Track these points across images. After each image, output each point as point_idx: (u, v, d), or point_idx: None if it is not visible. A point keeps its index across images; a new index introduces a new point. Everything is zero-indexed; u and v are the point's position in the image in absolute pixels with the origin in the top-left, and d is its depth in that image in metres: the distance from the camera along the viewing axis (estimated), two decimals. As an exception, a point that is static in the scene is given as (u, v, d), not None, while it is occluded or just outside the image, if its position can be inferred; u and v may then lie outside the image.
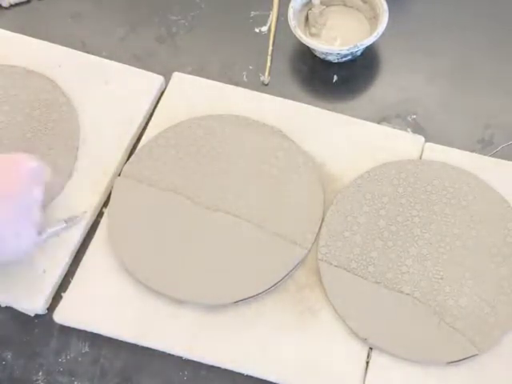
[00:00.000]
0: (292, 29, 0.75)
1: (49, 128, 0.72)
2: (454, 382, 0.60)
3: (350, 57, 0.76)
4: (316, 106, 0.74)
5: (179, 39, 0.81)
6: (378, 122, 0.74)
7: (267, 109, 0.73)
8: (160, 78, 0.76)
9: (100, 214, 0.69)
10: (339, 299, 0.63)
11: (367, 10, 0.78)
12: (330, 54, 0.75)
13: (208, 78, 0.76)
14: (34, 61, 0.76)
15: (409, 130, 0.74)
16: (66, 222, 0.66)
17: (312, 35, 0.78)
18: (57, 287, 0.65)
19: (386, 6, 0.75)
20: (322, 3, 0.77)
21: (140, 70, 0.77)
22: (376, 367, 0.61)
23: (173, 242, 0.66)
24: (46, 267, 0.65)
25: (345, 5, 0.80)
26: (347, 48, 0.73)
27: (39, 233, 0.65)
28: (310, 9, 0.78)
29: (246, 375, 0.61)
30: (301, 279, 0.65)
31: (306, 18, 0.78)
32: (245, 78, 0.78)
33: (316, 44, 0.74)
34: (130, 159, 0.71)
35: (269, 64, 0.79)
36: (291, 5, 0.76)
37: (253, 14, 0.82)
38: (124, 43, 0.81)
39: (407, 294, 0.63)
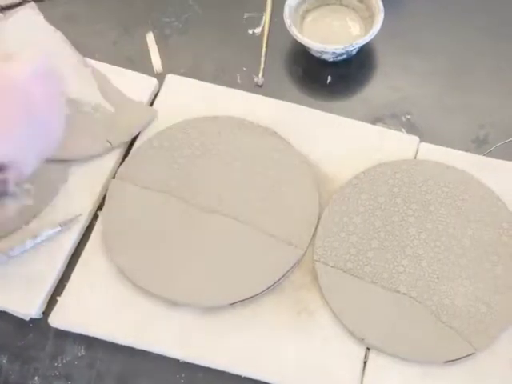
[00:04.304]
0: (287, 27, 0.75)
1: (42, 131, 0.72)
2: (451, 381, 0.60)
3: (345, 56, 0.76)
4: (310, 106, 0.74)
5: (173, 41, 0.81)
6: (373, 123, 0.74)
7: (261, 110, 0.73)
8: (154, 80, 0.76)
9: (95, 217, 0.69)
10: (336, 300, 0.63)
11: (363, 10, 0.78)
12: (326, 52, 0.75)
13: (202, 79, 0.76)
14: (27, 64, 0.76)
15: (403, 130, 0.74)
16: (60, 225, 0.66)
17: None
18: (52, 291, 0.65)
19: (381, 6, 0.75)
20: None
21: (133, 72, 0.76)
22: (373, 367, 0.61)
23: (168, 244, 0.65)
24: (41, 271, 0.65)
25: (341, 4, 0.80)
26: (342, 47, 0.73)
27: (34, 236, 0.65)
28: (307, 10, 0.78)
29: (244, 377, 0.61)
30: (297, 280, 0.65)
31: (302, 17, 0.78)
32: (239, 80, 0.78)
33: (311, 42, 0.74)
34: (125, 161, 0.70)
35: (262, 65, 0.79)
36: (287, 3, 0.76)
37: (246, 15, 0.82)
38: (117, 45, 0.81)
39: (404, 294, 0.63)
